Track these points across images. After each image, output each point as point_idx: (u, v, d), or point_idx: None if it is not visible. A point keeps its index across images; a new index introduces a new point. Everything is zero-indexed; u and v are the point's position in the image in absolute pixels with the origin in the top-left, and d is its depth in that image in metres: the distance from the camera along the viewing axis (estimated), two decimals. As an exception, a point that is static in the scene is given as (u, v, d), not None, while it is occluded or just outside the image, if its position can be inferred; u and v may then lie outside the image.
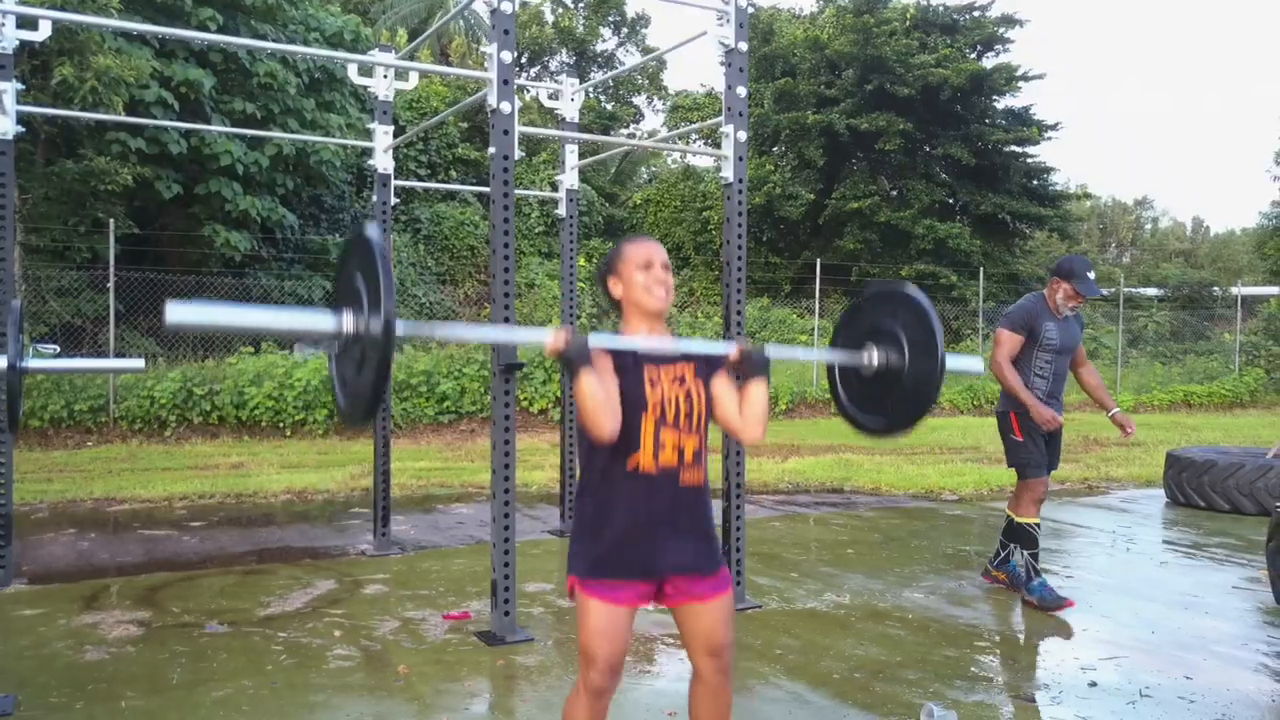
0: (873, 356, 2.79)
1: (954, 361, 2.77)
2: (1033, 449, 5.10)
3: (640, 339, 2.53)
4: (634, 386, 2.48)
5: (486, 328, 2.70)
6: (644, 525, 2.49)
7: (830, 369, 3.03)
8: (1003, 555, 5.31)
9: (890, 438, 2.95)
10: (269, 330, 2.40)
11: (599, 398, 2.37)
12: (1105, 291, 5.30)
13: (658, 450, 2.48)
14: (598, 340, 2.43)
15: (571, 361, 2.38)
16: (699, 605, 2.56)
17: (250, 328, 2.31)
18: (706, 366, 2.60)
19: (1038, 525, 5.19)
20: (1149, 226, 45.45)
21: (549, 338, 2.41)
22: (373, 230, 2.36)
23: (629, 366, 2.50)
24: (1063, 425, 5.15)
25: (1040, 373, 5.11)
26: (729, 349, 2.58)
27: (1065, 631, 4.77)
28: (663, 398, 2.50)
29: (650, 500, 2.49)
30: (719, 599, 2.57)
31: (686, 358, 2.57)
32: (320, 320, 2.33)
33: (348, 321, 2.30)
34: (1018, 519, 5.18)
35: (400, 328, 2.25)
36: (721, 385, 2.60)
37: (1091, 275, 5.08)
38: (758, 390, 2.57)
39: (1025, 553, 5.16)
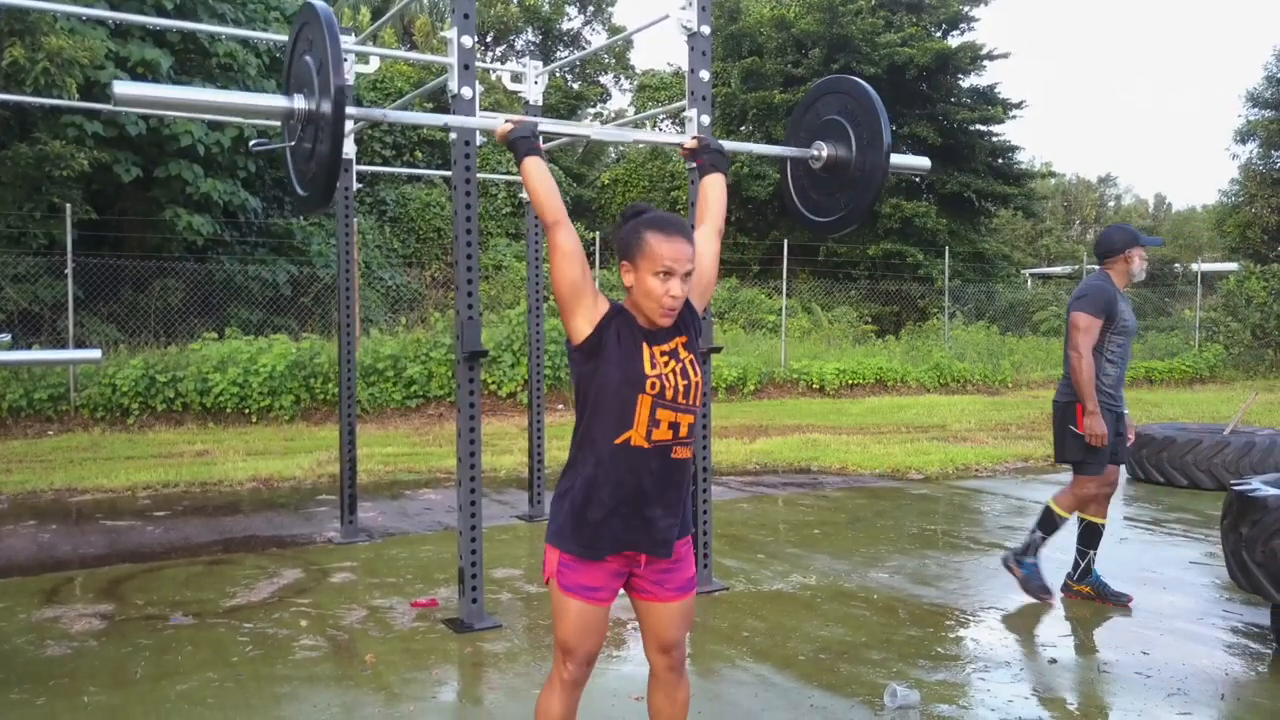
0: (822, 149, 2.93)
1: (900, 158, 2.91)
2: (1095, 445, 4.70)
3: (592, 124, 2.64)
4: (633, 363, 2.43)
5: (434, 115, 2.79)
6: (631, 499, 2.45)
7: (783, 172, 3.14)
8: (1082, 566, 4.91)
9: (843, 230, 3.06)
10: (218, 106, 2.41)
11: (549, 181, 2.50)
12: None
13: (652, 427, 2.44)
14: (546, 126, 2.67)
15: (519, 147, 2.61)
16: (660, 605, 2.58)
17: (199, 103, 2.29)
18: (695, 334, 2.57)
19: (1091, 523, 4.88)
20: (1112, 204, 45.84)
21: (499, 124, 2.68)
22: (319, 2, 2.34)
23: (629, 342, 2.45)
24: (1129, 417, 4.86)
25: (1112, 358, 4.74)
26: (686, 139, 2.69)
27: (1026, 609, 4.85)
28: (661, 375, 2.45)
29: (640, 474, 2.44)
30: (681, 602, 2.60)
31: (678, 329, 2.52)
32: (271, 100, 2.32)
33: (299, 101, 2.29)
34: (1058, 511, 4.87)
35: (352, 110, 2.27)
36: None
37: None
38: (716, 184, 2.83)
39: (1040, 533, 4.91)
